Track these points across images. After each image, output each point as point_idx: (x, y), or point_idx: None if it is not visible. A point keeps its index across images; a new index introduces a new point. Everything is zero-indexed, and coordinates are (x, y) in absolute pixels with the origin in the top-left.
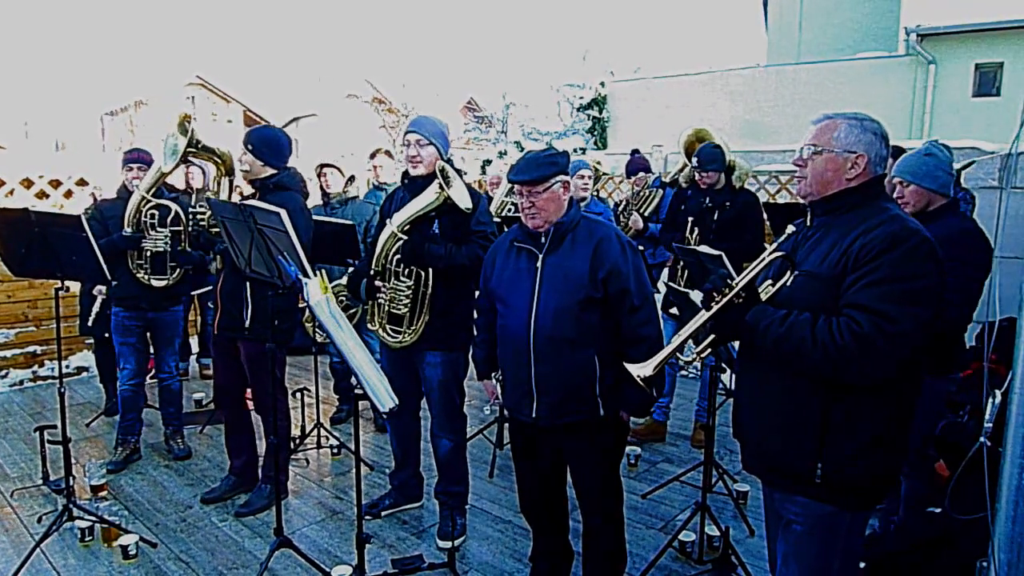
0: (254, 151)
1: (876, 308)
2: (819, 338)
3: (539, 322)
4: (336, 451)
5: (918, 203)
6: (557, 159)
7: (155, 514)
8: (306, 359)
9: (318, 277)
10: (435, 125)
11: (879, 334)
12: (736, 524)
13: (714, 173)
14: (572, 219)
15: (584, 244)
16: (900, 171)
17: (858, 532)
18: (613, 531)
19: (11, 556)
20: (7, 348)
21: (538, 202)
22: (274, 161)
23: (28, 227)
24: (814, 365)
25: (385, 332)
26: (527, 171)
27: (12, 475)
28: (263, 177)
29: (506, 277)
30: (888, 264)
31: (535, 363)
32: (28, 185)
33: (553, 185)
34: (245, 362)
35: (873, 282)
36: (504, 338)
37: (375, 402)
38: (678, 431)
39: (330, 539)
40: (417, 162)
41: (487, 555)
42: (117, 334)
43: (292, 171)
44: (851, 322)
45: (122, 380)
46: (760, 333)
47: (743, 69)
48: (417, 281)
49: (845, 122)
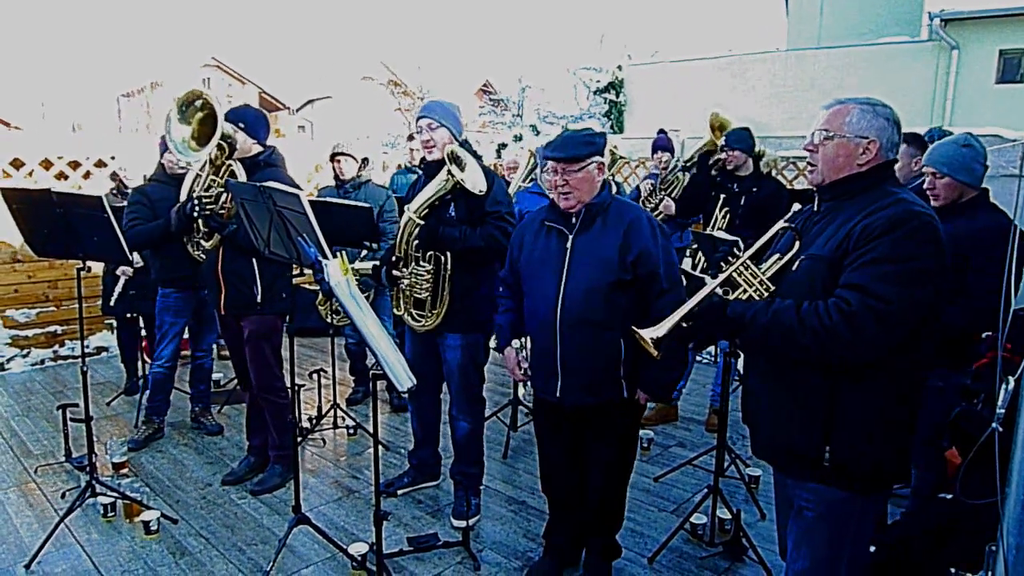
0: (247, 129)
1: (868, 287)
2: (807, 322)
3: (567, 303)
4: (352, 431)
5: (949, 196)
6: (595, 140)
7: (175, 491)
8: (322, 341)
9: (338, 258)
10: (445, 108)
11: (868, 313)
12: (748, 508)
13: (741, 153)
14: (604, 201)
15: (615, 226)
16: (934, 161)
17: (869, 518)
18: (619, 491)
19: (36, 530)
20: (28, 328)
21: (572, 181)
22: (263, 138)
23: (50, 208)
24: (805, 348)
25: (410, 317)
26: (563, 149)
27: (36, 452)
28: (252, 155)
29: (535, 257)
30: (886, 244)
31: (561, 343)
32: (47, 166)
33: (588, 165)
34: (248, 341)
35: (869, 262)
36: (531, 317)
37: (394, 381)
38: (692, 416)
39: (347, 517)
40: (431, 147)
41: (500, 535)
42: (168, 315)
43: (275, 148)
44: (840, 301)
45: (160, 361)
46: (747, 324)
47: (762, 53)
48: (437, 265)
49: (857, 107)
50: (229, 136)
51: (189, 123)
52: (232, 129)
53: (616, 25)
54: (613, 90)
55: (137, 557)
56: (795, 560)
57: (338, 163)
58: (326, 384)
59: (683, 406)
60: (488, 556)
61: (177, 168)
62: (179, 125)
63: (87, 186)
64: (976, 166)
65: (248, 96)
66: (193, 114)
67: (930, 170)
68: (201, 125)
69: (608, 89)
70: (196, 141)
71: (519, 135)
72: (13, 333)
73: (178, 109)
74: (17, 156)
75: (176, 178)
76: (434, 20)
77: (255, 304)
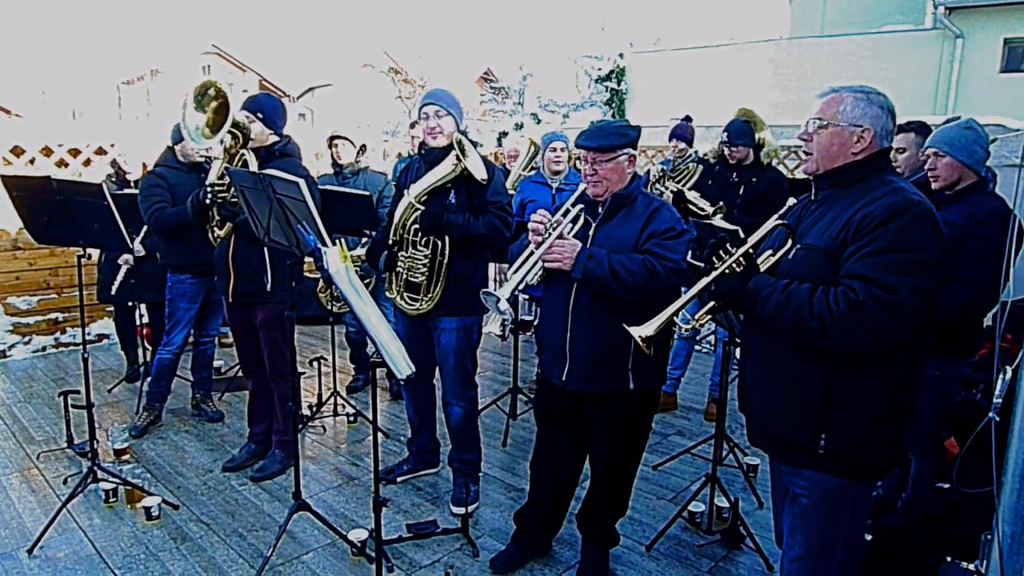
0: (265, 119)
1: (873, 277)
2: (816, 307)
3: (580, 290)
4: (352, 419)
5: (949, 177)
6: (628, 132)
7: (176, 477)
8: (322, 329)
9: (337, 246)
10: (451, 96)
11: (875, 303)
12: (745, 496)
13: (743, 148)
14: (631, 192)
15: (638, 217)
16: (936, 142)
17: (864, 505)
18: (620, 483)
19: (39, 515)
20: (30, 315)
21: (601, 171)
22: (280, 128)
23: (50, 195)
24: (811, 333)
25: (403, 300)
26: (595, 138)
27: (38, 438)
28: (268, 144)
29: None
30: (888, 234)
31: (571, 328)
32: (48, 153)
33: (619, 156)
34: (262, 327)
35: (872, 252)
36: (545, 300)
37: (393, 369)
38: (691, 404)
39: (347, 504)
40: (437, 133)
41: (499, 522)
42: (183, 301)
43: (291, 138)
44: (848, 291)
45: (168, 348)
46: (762, 300)
47: (765, 42)
48: (434, 250)
49: (851, 95)
50: (242, 125)
51: (204, 111)
52: (246, 117)
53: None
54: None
55: (139, 542)
56: (791, 547)
57: (336, 147)
58: (326, 372)
59: (682, 395)
60: (487, 543)
61: (196, 156)
62: (194, 113)
63: (87, 173)
64: (977, 149)
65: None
66: (208, 103)
67: (932, 150)
68: (215, 114)
69: (609, 77)
70: (210, 129)
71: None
72: (15, 320)
73: (194, 98)
74: (17, 144)
75: (191, 165)
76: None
77: (265, 293)
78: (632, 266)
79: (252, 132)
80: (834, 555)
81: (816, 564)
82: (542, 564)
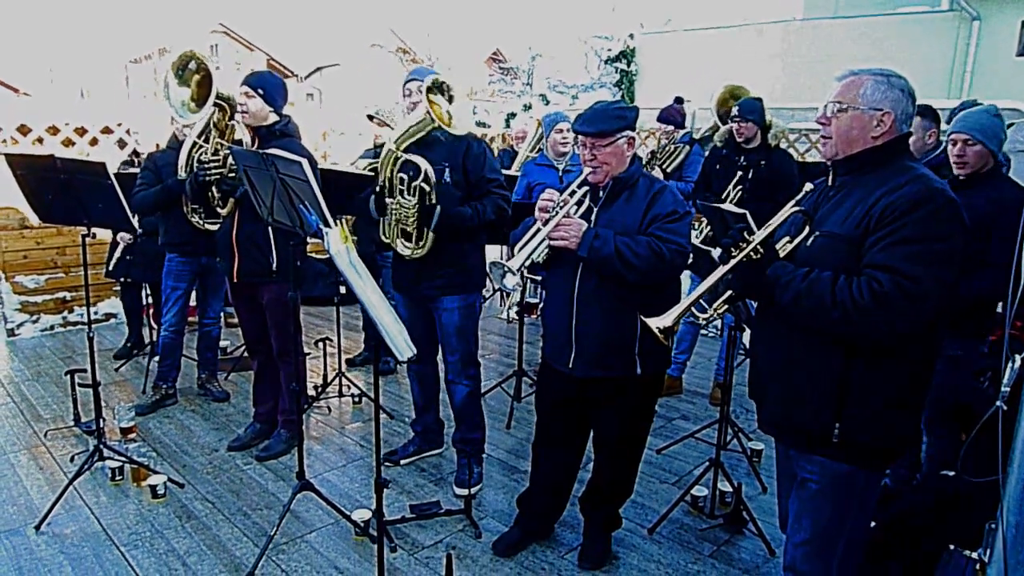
0: (265, 95)
1: (898, 268)
2: (839, 296)
3: (584, 275)
4: (357, 400)
5: (976, 164)
6: (626, 113)
7: (182, 456)
8: (328, 310)
9: (339, 227)
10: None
11: (900, 293)
12: (749, 481)
13: (752, 125)
14: (632, 175)
15: (640, 200)
16: (968, 128)
17: (872, 492)
18: (624, 467)
19: (46, 493)
20: (37, 294)
21: (600, 155)
22: (280, 106)
23: (54, 174)
24: (832, 323)
25: (400, 244)
26: (593, 123)
27: (45, 416)
28: (268, 124)
29: None
30: (912, 224)
31: (577, 314)
32: (54, 132)
33: (618, 140)
34: (268, 307)
35: (896, 242)
36: (550, 286)
37: (394, 351)
38: (696, 389)
39: (351, 484)
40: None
41: (503, 503)
42: (171, 279)
43: (291, 118)
44: (872, 281)
45: (166, 325)
46: (781, 288)
47: (777, 23)
48: (421, 198)
49: (871, 78)
50: (227, 96)
51: (188, 85)
52: (245, 93)
53: None
54: (624, 59)
55: (144, 520)
56: (796, 532)
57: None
58: (332, 352)
59: (687, 379)
60: (490, 524)
61: (182, 133)
62: (177, 88)
63: (94, 152)
64: (1002, 135)
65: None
66: (191, 76)
67: (963, 137)
68: (199, 87)
69: (619, 58)
70: (195, 103)
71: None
72: (23, 299)
73: (175, 73)
74: (24, 122)
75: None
76: None
77: (270, 272)
78: (638, 248)
79: (250, 108)
80: (839, 541)
81: (820, 549)
82: (544, 547)
